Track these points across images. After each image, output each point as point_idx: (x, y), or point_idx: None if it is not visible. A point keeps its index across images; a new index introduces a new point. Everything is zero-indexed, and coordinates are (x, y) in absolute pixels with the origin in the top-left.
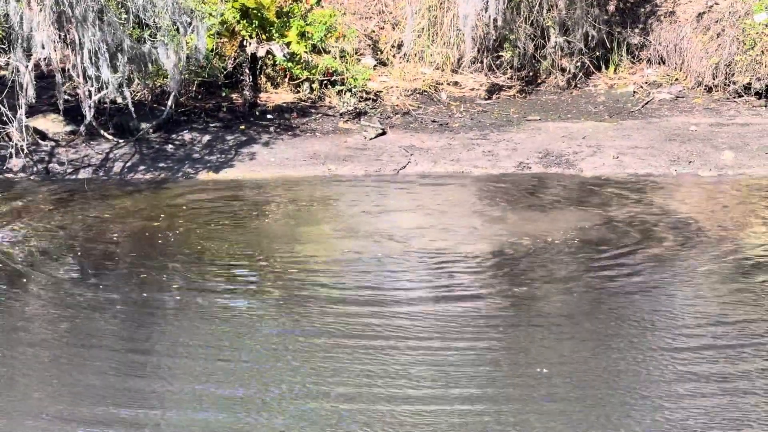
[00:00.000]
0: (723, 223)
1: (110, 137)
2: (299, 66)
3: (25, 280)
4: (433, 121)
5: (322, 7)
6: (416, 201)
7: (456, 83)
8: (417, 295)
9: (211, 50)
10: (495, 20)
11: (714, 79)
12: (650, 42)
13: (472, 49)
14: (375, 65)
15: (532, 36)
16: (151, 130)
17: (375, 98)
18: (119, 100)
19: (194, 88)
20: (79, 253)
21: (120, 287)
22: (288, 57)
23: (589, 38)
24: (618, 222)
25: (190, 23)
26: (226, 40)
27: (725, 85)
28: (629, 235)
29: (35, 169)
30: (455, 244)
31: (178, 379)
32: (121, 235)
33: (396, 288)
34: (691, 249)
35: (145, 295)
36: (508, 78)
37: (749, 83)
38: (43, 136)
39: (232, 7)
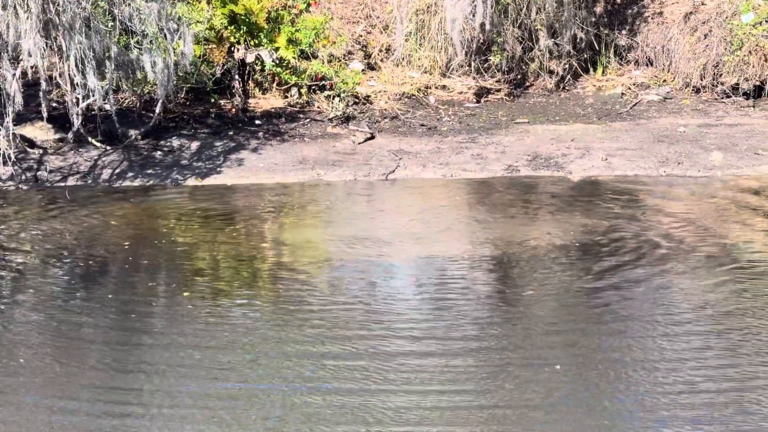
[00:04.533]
0: (713, 224)
1: (98, 144)
2: (288, 71)
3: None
4: (422, 125)
5: (311, 12)
6: (405, 206)
7: (444, 87)
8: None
9: (200, 56)
10: (483, 24)
11: (702, 80)
12: (638, 43)
13: (460, 52)
14: (363, 69)
15: (520, 39)
16: (139, 137)
17: (363, 103)
18: (107, 107)
19: (183, 95)
20: (66, 259)
21: (104, 295)
22: (277, 62)
23: (577, 40)
24: (608, 224)
25: (177, 29)
26: (214, 46)
27: (713, 86)
28: (620, 236)
29: (23, 177)
30: (444, 249)
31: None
32: (108, 241)
33: (384, 296)
34: (680, 251)
35: (128, 301)
36: (496, 81)
37: (737, 84)
38: (31, 143)
39: (221, 13)
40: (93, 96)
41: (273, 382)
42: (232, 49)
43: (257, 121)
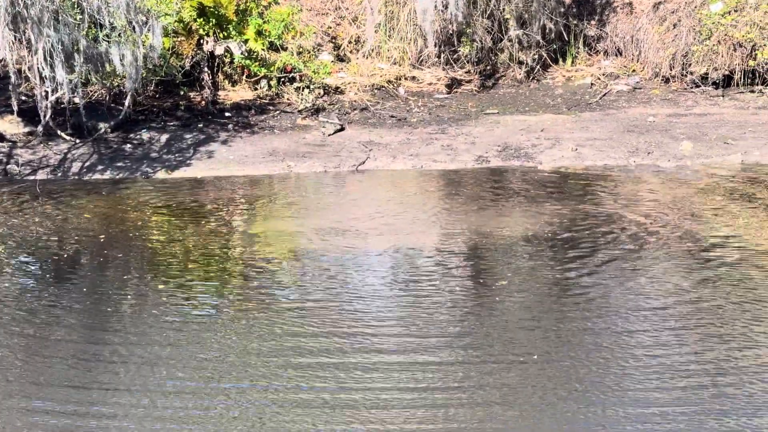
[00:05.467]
0: (683, 214)
1: (68, 138)
2: (257, 63)
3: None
4: (392, 116)
5: (279, 4)
6: (376, 197)
7: (414, 78)
8: (377, 293)
9: (169, 49)
10: (454, 14)
11: (671, 70)
12: (607, 34)
13: (431, 43)
14: (333, 61)
15: (490, 30)
16: (109, 130)
17: (333, 94)
18: (76, 100)
19: (152, 88)
20: (37, 253)
21: (72, 288)
22: (246, 55)
23: (547, 31)
24: (579, 214)
25: (146, 22)
26: (183, 38)
27: (682, 75)
28: (591, 226)
29: None
30: (415, 240)
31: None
32: (78, 234)
33: (356, 289)
34: (651, 239)
35: (95, 296)
36: (465, 72)
37: (706, 73)
38: (1, 137)
39: (190, 5)
40: (62, 89)
41: (243, 379)
42: (201, 41)
43: (227, 114)
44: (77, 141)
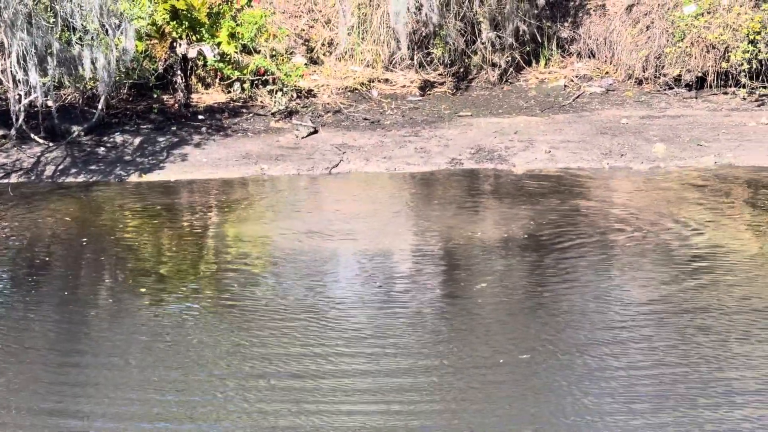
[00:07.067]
0: (657, 216)
1: (41, 141)
2: (230, 66)
3: None
4: (365, 119)
5: (252, 7)
6: (349, 200)
7: (387, 80)
8: (349, 298)
9: (142, 52)
10: (428, 16)
11: (644, 72)
12: (580, 36)
13: (404, 45)
14: (306, 64)
15: (463, 32)
16: (82, 133)
17: (306, 97)
18: (49, 103)
19: (125, 91)
20: (10, 255)
21: (45, 292)
22: (219, 57)
23: (520, 33)
24: (553, 216)
25: (119, 25)
26: (156, 41)
27: (655, 77)
28: (565, 228)
29: None
30: (389, 243)
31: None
32: (52, 237)
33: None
34: (625, 241)
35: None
36: (439, 74)
37: (679, 75)
38: None
39: (163, 8)
40: (35, 92)
41: (212, 381)
42: (174, 44)
43: (200, 116)
44: (50, 144)
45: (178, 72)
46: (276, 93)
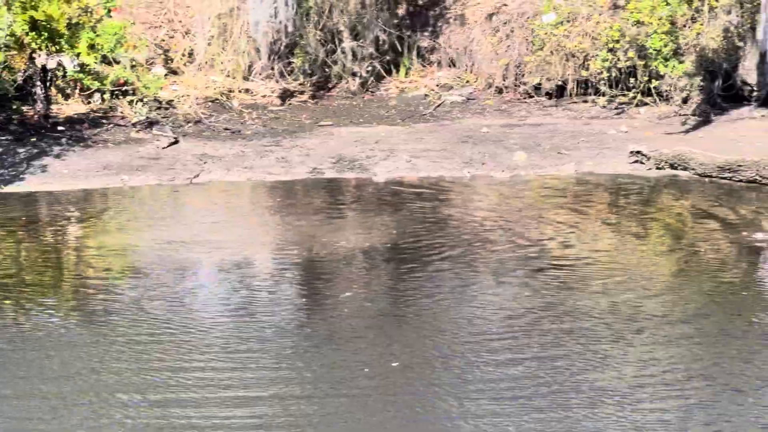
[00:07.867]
0: (517, 224)
1: None
2: (90, 77)
3: None
4: (226, 129)
5: (112, 17)
6: (210, 210)
7: (248, 90)
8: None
9: (1, 63)
10: (286, 26)
11: (504, 81)
12: (440, 45)
13: (264, 55)
14: (166, 74)
15: (323, 41)
16: None
17: (167, 107)
18: None
19: None
20: None
21: None
22: (78, 68)
23: (380, 42)
24: (413, 225)
25: None
26: (15, 52)
27: (516, 86)
28: (425, 236)
29: None
30: (249, 253)
31: None
32: None
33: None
34: (483, 250)
35: None
36: (299, 84)
37: (539, 84)
38: None
39: (21, 19)
40: None
41: (88, 396)
42: (34, 55)
43: (60, 127)
44: None
45: (38, 83)
46: (136, 103)
